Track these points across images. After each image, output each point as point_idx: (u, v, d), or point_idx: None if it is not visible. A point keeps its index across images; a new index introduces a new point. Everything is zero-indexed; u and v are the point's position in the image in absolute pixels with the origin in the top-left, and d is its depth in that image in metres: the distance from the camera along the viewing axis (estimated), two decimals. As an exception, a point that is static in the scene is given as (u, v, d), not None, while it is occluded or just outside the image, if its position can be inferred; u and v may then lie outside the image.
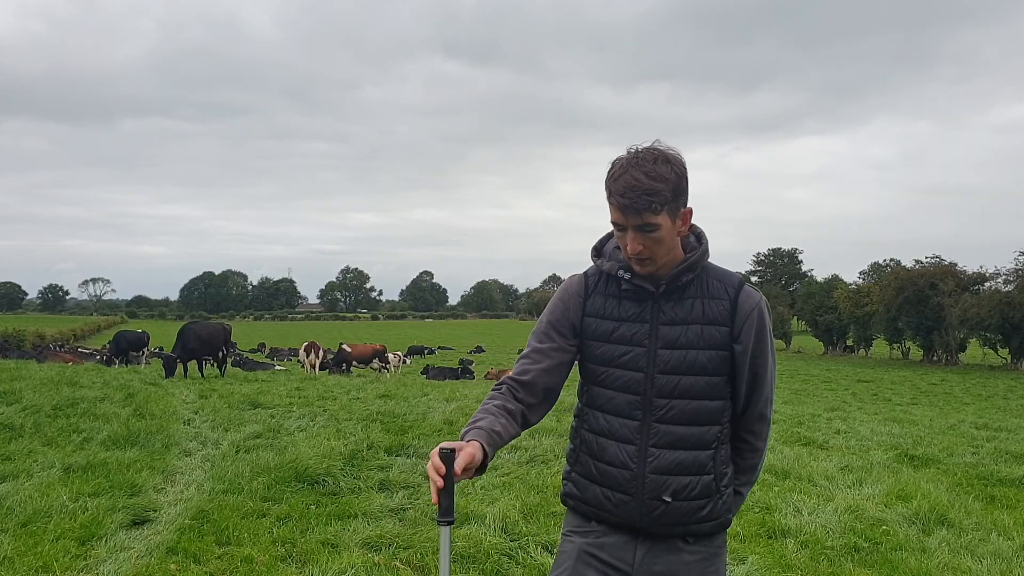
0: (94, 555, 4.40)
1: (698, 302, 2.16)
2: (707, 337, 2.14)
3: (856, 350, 58.29)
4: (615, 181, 2.05)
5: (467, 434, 2.04)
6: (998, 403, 24.38)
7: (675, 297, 2.16)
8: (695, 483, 2.14)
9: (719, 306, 2.15)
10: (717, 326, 2.14)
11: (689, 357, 2.13)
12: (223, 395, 11.72)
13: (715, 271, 2.21)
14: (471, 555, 4.47)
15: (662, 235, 2.07)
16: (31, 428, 7.88)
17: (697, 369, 2.13)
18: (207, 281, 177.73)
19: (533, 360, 2.23)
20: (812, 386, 29.23)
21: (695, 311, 2.15)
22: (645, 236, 2.06)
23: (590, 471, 2.22)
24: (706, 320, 2.14)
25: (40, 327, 49.77)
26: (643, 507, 2.13)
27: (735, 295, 2.16)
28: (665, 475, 2.13)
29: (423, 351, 51.94)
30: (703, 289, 2.17)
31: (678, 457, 2.13)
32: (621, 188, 2.03)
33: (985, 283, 46.90)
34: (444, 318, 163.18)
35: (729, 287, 2.17)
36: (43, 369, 14.95)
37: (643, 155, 2.04)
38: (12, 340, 35.20)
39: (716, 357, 2.14)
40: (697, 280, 2.18)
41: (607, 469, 2.18)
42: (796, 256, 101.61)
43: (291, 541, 4.69)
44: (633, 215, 2.03)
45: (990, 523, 5.51)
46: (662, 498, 2.12)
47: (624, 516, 2.16)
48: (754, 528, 5.17)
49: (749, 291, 2.18)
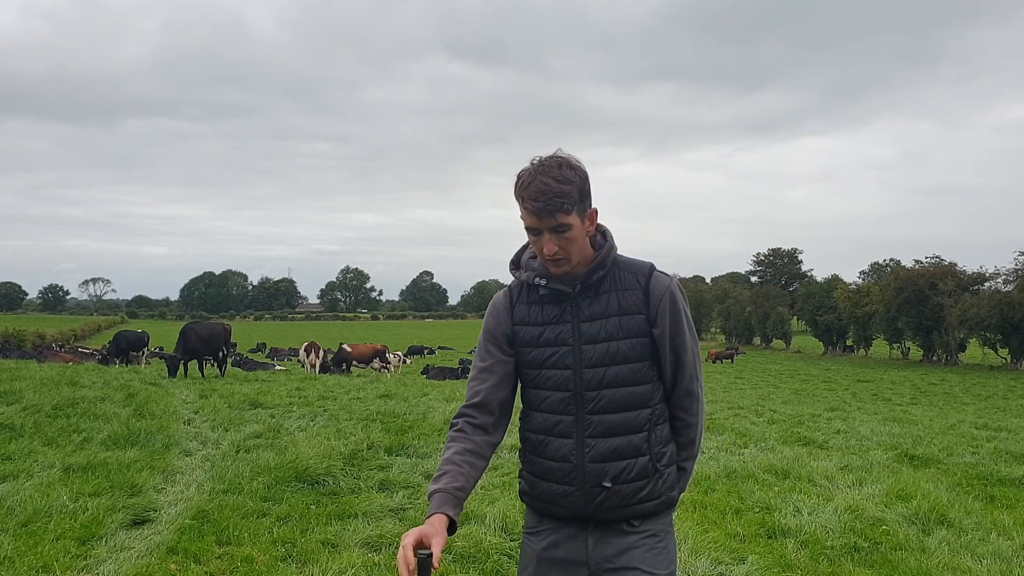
0: (94, 555, 4.40)
1: (613, 295, 2.27)
2: (625, 327, 2.25)
3: (856, 350, 58.26)
4: (526, 188, 2.17)
5: (433, 495, 2.11)
6: (998, 403, 24.39)
7: (591, 294, 2.28)
8: (632, 466, 2.23)
9: (632, 296, 2.26)
10: (633, 315, 2.25)
11: (611, 348, 2.24)
12: (223, 395, 11.72)
13: (625, 264, 2.31)
14: (471, 555, 4.47)
15: (574, 234, 2.19)
16: (31, 428, 7.88)
17: (620, 358, 2.24)
18: (207, 281, 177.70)
19: (480, 380, 2.34)
20: (812, 386, 29.25)
21: (611, 304, 2.26)
22: (559, 237, 2.18)
23: (536, 468, 2.34)
24: (622, 311, 2.25)
25: (40, 327, 49.78)
26: (586, 495, 2.24)
27: (646, 282, 2.27)
28: (603, 462, 2.23)
29: (423, 351, 51.96)
30: (616, 282, 2.28)
31: (613, 443, 2.23)
32: (533, 193, 2.15)
33: (985, 283, 46.92)
34: (444, 318, 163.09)
35: (640, 276, 2.28)
36: (43, 369, 14.95)
37: (548, 163, 2.18)
38: (12, 340, 35.20)
39: (637, 344, 2.25)
40: (609, 275, 2.28)
41: (550, 464, 2.29)
42: (796, 256, 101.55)
43: (291, 541, 4.69)
44: (547, 217, 2.15)
45: (990, 523, 5.51)
46: (602, 484, 2.22)
47: (570, 507, 2.26)
48: (754, 528, 5.18)
49: (659, 276, 2.28)
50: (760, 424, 11.31)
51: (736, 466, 7.03)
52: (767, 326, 68.59)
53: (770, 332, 69.12)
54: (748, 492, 6.12)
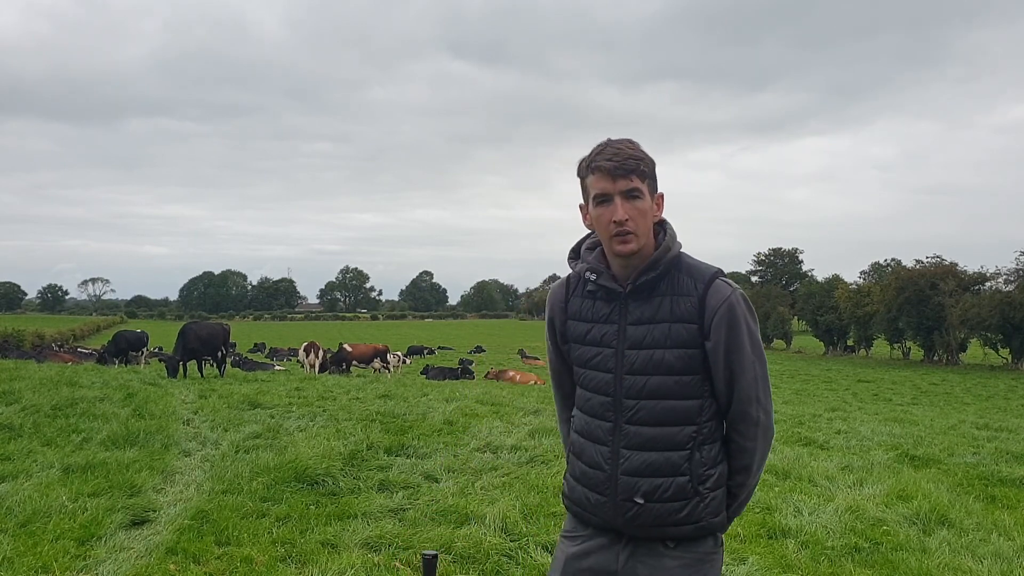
0: (93, 555, 4.39)
1: (666, 300, 2.13)
2: (674, 335, 2.10)
3: (856, 350, 58.22)
4: (599, 154, 2.10)
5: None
6: (999, 403, 24.38)
7: (643, 296, 2.15)
8: (668, 484, 2.10)
9: (687, 303, 2.11)
10: (685, 323, 2.10)
11: (656, 357, 2.11)
12: (222, 395, 11.70)
13: (688, 266, 2.16)
14: (471, 555, 4.46)
15: (644, 206, 2.10)
16: (30, 428, 7.87)
17: (664, 369, 2.10)
18: (207, 281, 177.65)
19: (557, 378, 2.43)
20: (812, 386, 29.23)
21: (663, 309, 2.12)
22: (631, 204, 2.08)
23: (575, 471, 2.26)
24: (674, 318, 2.11)
25: (39, 327, 49.75)
26: (617, 508, 2.13)
27: (704, 291, 2.11)
28: (636, 476, 2.12)
29: (423, 351, 51.92)
30: (672, 286, 2.14)
31: (648, 458, 2.12)
32: (609, 154, 2.08)
33: (986, 283, 46.91)
34: (444, 318, 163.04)
35: (699, 282, 2.12)
36: (42, 369, 14.94)
37: (618, 139, 2.14)
38: (11, 340, 35.19)
39: (685, 356, 2.10)
40: (667, 277, 2.15)
41: (586, 470, 2.21)
42: (796, 256, 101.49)
43: (291, 541, 4.68)
44: (622, 176, 2.07)
45: (991, 523, 5.50)
46: (634, 499, 2.11)
47: (603, 517, 2.17)
48: (754, 528, 5.17)
49: (720, 285, 2.12)
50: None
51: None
52: (768, 326, 68.46)
53: (771, 332, 69.03)
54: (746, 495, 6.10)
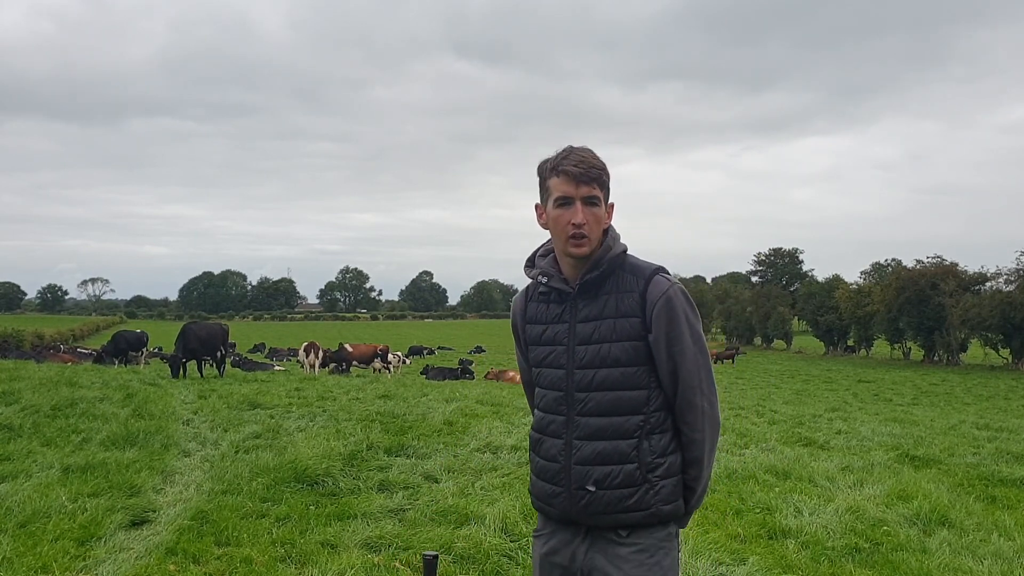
0: (93, 556, 4.39)
1: (612, 297, 2.27)
2: (619, 330, 2.24)
3: (857, 350, 58.21)
4: (565, 158, 2.25)
5: None
6: (999, 403, 24.35)
7: (590, 295, 2.29)
8: (617, 472, 2.22)
9: (630, 299, 2.26)
10: (629, 318, 2.24)
11: (603, 351, 2.24)
12: (222, 395, 11.71)
13: (632, 265, 2.32)
14: (471, 556, 4.46)
15: (600, 213, 2.25)
16: (30, 428, 7.87)
17: (611, 361, 2.24)
18: (206, 281, 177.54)
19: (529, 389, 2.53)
20: (813, 386, 29.22)
21: (609, 306, 2.27)
22: (589, 210, 2.23)
23: (535, 466, 2.40)
24: (619, 313, 2.25)
25: (39, 327, 49.81)
26: (572, 497, 2.26)
27: (644, 286, 2.26)
28: (587, 465, 2.25)
29: (423, 351, 51.94)
30: (617, 284, 2.28)
31: (598, 447, 2.24)
32: (575, 160, 2.23)
33: (986, 283, 46.92)
34: (444, 318, 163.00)
35: (640, 279, 2.27)
36: (42, 369, 14.94)
37: (579, 147, 2.28)
38: (11, 340, 35.20)
39: (630, 348, 2.24)
40: (613, 276, 2.29)
41: (544, 464, 2.34)
42: (797, 256, 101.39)
43: (290, 542, 4.67)
44: (585, 183, 2.22)
45: (991, 524, 5.50)
46: (586, 487, 2.23)
47: (560, 508, 2.29)
48: (755, 529, 5.17)
49: (659, 280, 2.26)
50: (761, 424, 11.31)
51: (737, 467, 7.02)
52: (768, 326, 68.55)
53: (771, 332, 69.09)
54: (749, 493, 6.10)
